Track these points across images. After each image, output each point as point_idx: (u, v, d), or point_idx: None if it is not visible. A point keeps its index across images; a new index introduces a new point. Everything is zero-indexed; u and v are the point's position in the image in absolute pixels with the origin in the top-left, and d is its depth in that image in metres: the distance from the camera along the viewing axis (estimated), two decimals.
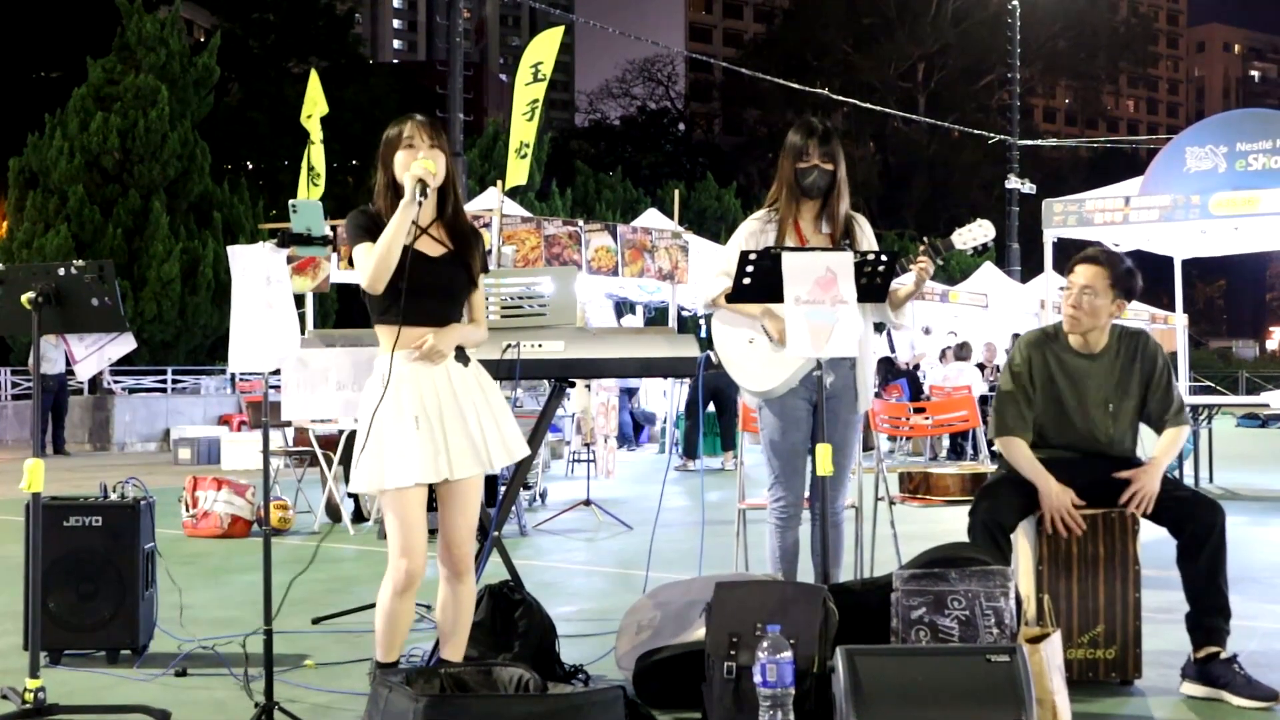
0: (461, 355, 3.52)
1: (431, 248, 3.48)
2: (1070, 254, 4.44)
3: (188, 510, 8.15)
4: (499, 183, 10.85)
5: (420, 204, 3.35)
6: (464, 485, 3.51)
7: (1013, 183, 27.89)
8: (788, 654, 3.25)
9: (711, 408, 13.21)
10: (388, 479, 3.38)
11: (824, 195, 4.27)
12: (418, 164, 3.39)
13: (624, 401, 13.84)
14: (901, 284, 4.25)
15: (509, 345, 4.11)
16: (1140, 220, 10.02)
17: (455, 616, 3.58)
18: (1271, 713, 3.79)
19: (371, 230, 3.40)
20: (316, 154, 14.22)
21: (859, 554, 5.35)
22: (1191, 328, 19.36)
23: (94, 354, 4.16)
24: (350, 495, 8.39)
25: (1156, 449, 4.19)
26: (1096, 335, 4.21)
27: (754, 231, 4.32)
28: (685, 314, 18.09)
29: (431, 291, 3.44)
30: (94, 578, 4.45)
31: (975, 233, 4.29)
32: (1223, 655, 3.93)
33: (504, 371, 4.11)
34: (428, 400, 3.42)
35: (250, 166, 36.64)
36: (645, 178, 46.01)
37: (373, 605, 3.61)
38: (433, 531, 3.59)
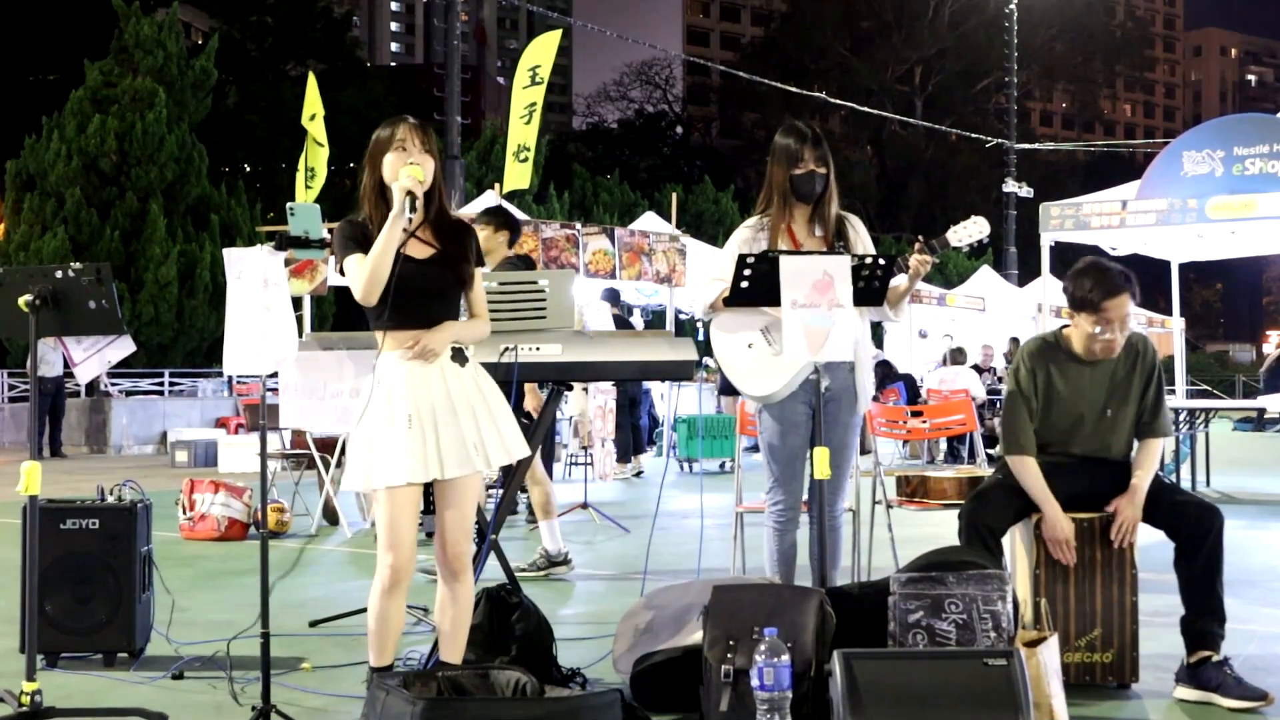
0: (459, 355, 3.52)
1: (419, 250, 3.50)
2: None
3: (185, 513, 8.14)
4: (496, 185, 10.86)
5: (411, 219, 3.38)
6: (460, 485, 3.50)
7: (1010, 186, 27.91)
8: (785, 657, 3.25)
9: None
10: (376, 477, 3.41)
11: (817, 198, 4.29)
12: (405, 174, 3.39)
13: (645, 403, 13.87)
14: (895, 282, 4.26)
15: (506, 348, 4.11)
16: (1137, 224, 10.02)
17: (454, 617, 3.57)
18: (1262, 714, 3.80)
19: (360, 241, 3.42)
20: (318, 155, 14.22)
21: (856, 557, 5.36)
22: (1188, 331, 19.37)
23: (93, 356, 4.16)
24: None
25: (1137, 467, 4.16)
26: None
27: (746, 239, 4.33)
28: (683, 317, 18.09)
29: (420, 293, 3.45)
30: (91, 581, 4.44)
31: (970, 230, 4.29)
32: (1215, 659, 3.94)
33: (502, 374, 4.11)
34: (421, 400, 3.43)
35: (248, 169, 36.63)
36: (643, 181, 46.04)
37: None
38: (430, 535, 3.60)
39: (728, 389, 15.34)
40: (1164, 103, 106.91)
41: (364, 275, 3.36)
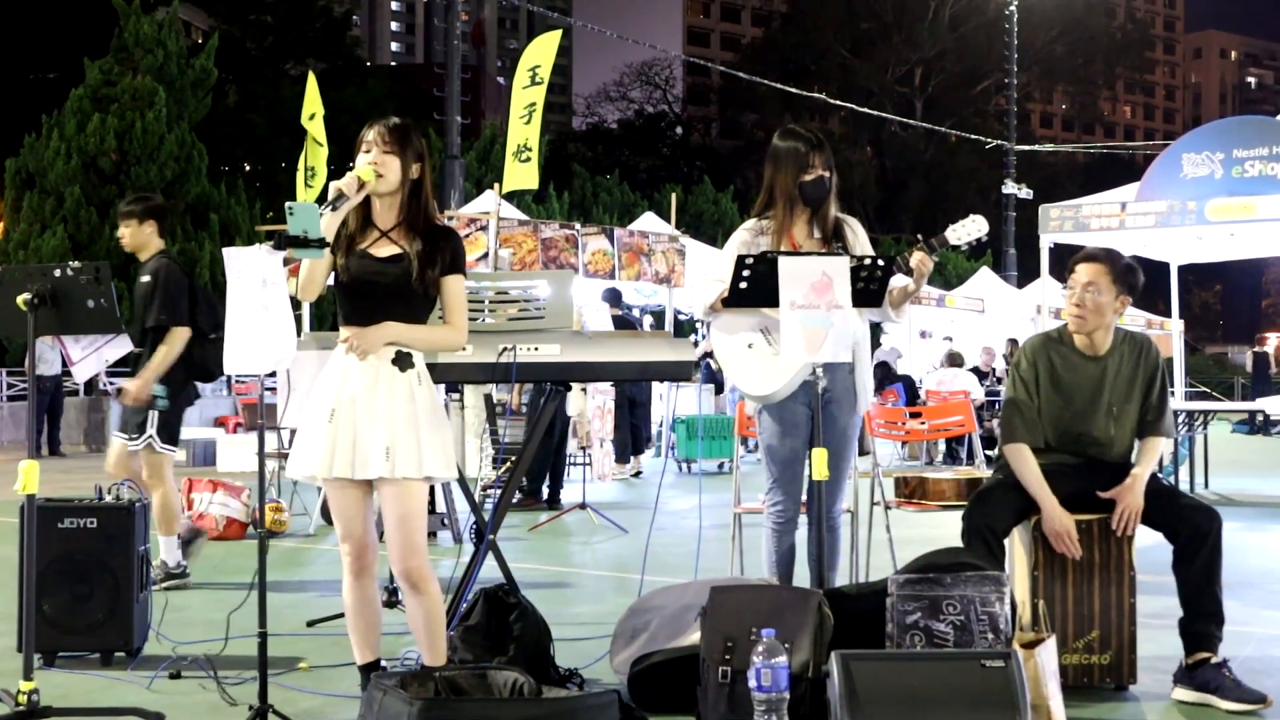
0: (402, 359, 3.48)
1: (384, 248, 3.51)
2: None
3: (183, 512, 8.13)
4: (496, 185, 10.84)
5: (334, 209, 3.38)
6: (392, 492, 3.45)
7: (1009, 188, 27.87)
8: (782, 658, 3.25)
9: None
10: (290, 468, 3.49)
11: (821, 202, 4.31)
12: (356, 171, 3.43)
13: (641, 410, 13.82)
14: (898, 283, 4.26)
15: (505, 349, 4.10)
16: (1137, 226, 10.02)
17: (422, 627, 3.57)
18: (1260, 716, 3.80)
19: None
20: (317, 155, 14.19)
21: (854, 559, 5.35)
22: (1187, 333, 19.36)
23: (91, 355, 4.16)
24: None
25: (1137, 461, 4.17)
26: (1101, 335, 4.22)
27: (745, 242, 4.34)
28: (682, 318, 18.09)
29: (368, 291, 3.48)
30: (88, 580, 4.44)
31: (969, 228, 4.29)
32: (1213, 660, 3.94)
33: (500, 374, 4.11)
34: (345, 395, 3.44)
35: (247, 168, 36.61)
36: (642, 181, 46.04)
37: None
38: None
39: (718, 386, 15.35)
40: (1164, 105, 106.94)
41: (301, 273, 3.45)
